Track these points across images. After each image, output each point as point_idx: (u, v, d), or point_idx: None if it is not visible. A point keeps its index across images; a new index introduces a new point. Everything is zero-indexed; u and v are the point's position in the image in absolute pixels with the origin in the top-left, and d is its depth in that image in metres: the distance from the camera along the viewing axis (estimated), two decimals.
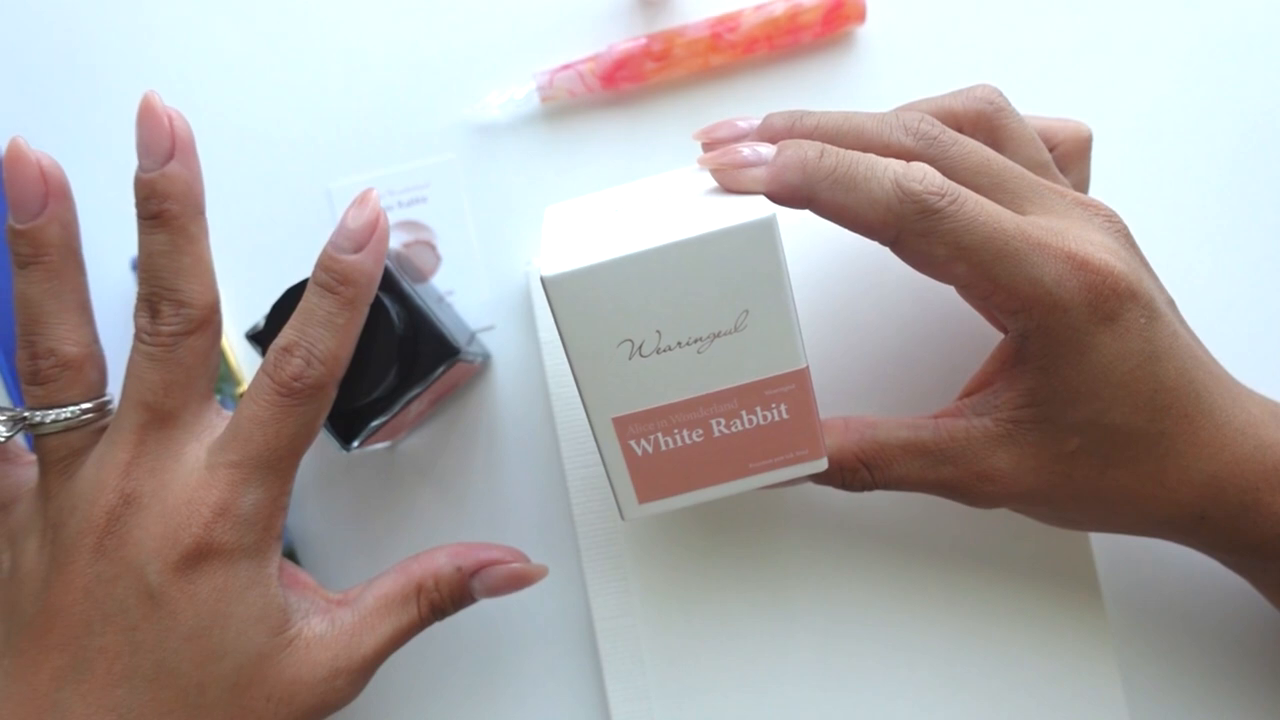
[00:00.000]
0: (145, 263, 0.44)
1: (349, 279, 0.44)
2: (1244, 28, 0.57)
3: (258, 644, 0.44)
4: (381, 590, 0.48)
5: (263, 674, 0.44)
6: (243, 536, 0.43)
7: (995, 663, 0.54)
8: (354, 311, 0.45)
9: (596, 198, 0.50)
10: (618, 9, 0.57)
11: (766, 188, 0.42)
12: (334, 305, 0.44)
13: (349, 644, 0.46)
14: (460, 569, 0.48)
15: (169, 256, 0.44)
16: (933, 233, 0.40)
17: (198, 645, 0.43)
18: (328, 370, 0.44)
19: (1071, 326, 0.41)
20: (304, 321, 0.44)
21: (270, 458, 0.44)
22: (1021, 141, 0.46)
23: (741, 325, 0.39)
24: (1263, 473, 0.44)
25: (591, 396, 0.40)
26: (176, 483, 0.43)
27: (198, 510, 0.43)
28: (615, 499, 0.42)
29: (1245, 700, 0.55)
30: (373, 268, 0.45)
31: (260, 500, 0.44)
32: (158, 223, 0.44)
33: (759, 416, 0.40)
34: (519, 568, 0.49)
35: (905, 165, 0.41)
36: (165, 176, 0.44)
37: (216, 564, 0.43)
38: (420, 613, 0.48)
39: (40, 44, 0.57)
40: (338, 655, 0.45)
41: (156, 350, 0.44)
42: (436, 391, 0.51)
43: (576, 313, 0.39)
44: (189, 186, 0.45)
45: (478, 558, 0.49)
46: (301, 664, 0.44)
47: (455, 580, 0.48)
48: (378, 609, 0.47)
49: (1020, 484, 0.44)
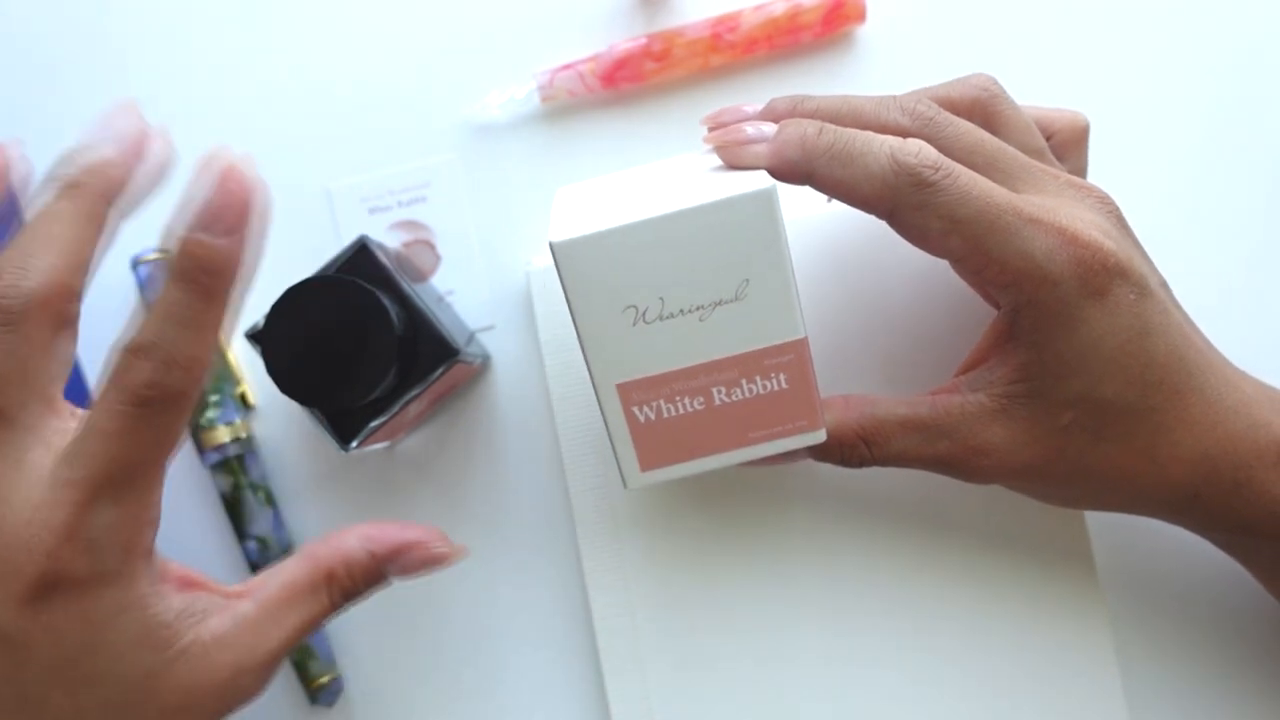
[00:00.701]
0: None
1: (214, 268, 0.39)
2: (1243, 22, 0.58)
3: (141, 665, 0.40)
4: (287, 579, 0.43)
5: (153, 689, 0.40)
6: (97, 563, 0.39)
7: (992, 642, 0.54)
8: (216, 305, 0.39)
9: (606, 179, 0.52)
10: (618, 9, 0.58)
11: (768, 163, 0.43)
12: (196, 299, 0.39)
13: (252, 640, 0.42)
14: (374, 555, 0.44)
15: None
16: (927, 205, 0.42)
17: (65, 675, 0.39)
18: (188, 376, 0.39)
19: (1062, 300, 0.43)
20: (162, 318, 0.39)
21: (121, 475, 0.39)
22: (1017, 127, 0.48)
23: (742, 294, 0.40)
24: (1255, 451, 0.45)
25: (597, 362, 0.41)
26: (16, 498, 0.38)
27: (39, 535, 0.38)
28: (618, 467, 0.43)
29: (1239, 679, 0.55)
30: (239, 252, 0.39)
31: (114, 521, 0.39)
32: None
33: (759, 385, 0.41)
34: (439, 551, 0.45)
35: (901, 140, 0.43)
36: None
37: (72, 594, 0.38)
38: (331, 601, 0.44)
39: (41, 44, 0.58)
40: (239, 654, 0.41)
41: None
42: (436, 392, 0.51)
43: (583, 278, 0.40)
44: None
45: (393, 542, 0.44)
46: (198, 671, 0.40)
47: (369, 565, 0.44)
48: (283, 600, 0.43)
49: (1015, 458, 0.45)
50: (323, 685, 0.55)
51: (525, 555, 0.57)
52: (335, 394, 0.46)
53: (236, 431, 0.55)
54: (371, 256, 0.48)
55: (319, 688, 0.55)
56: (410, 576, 0.45)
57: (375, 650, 0.57)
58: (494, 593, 0.57)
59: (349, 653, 0.57)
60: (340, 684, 0.56)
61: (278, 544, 0.56)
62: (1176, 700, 0.55)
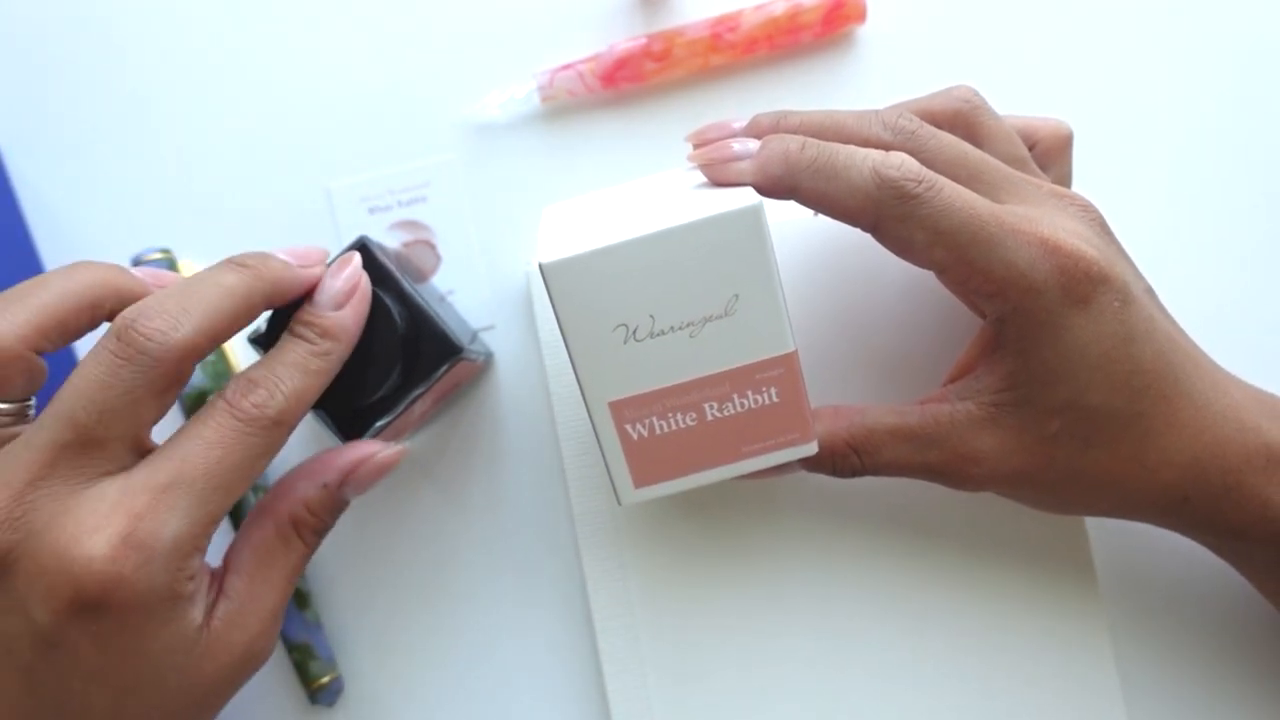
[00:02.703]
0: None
1: (329, 333, 0.44)
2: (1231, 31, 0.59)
3: (175, 666, 0.41)
4: (256, 542, 0.45)
5: (185, 685, 0.42)
6: (153, 574, 0.39)
7: (991, 648, 0.55)
8: (327, 364, 0.44)
9: (591, 197, 0.53)
10: (618, 9, 0.59)
11: (752, 179, 0.45)
12: (309, 353, 0.44)
13: (255, 610, 0.44)
14: (327, 486, 0.46)
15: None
16: (911, 217, 0.43)
17: (107, 681, 0.41)
18: (290, 407, 0.42)
19: (1046, 309, 0.44)
20: (275, 361, 0.44)
21: (206, 485, 0.40)
22: (999, 138, 0.49)
23: (731, 310, 0.41)
24: (1245, 455, 0.46)
25: (588, 381, 0.43)
26: (82, 509, 0.39)
27: (102, 536, 0.38)
28: (612, 484, 0.44)
29: (1236, 683, 0.56)
30: (352, 325, 0.45)
31: (181, 532, 0.40)
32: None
33: (750, 400, 0.43)
34: (383, 457, 0.47)
35: (884, 154, 0.44)
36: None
37: (125, 603, 0.39)
38: (306, 544, 0.46)
39: (44, 44, 0.59)
40: (249, 628, 0.44)
41: (123, 366, 0.40)
42: (440, 391, 0.52)
43: (573, 298, 0.41)
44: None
45: (338, 467, 0.47)
46: (220, 655, 0.43)
47: (326, 498, 0.46)
48: (261, 561, 0.45)
49: (1004, 466, 0.46)
50: (323, 685, 0.56)
51: (525, 555, 0.58)
52: (340, 394, 0.47)
53: None
54: (372, 256, 0.48)
55: (319, 688, 0.56)
56: (365, 490, 0.48)
57: (375, 650, 0.58)
58: (494, 593, 0.58)
59: (349, 653, 0.58)
60: (340, 684, 0.57)
61: None
62: (1175, 704, 0.56)
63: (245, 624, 0.44)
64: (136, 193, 0.58)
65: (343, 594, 0.58)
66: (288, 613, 0.56)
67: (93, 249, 0.58)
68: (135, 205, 0.58)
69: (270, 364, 0.43)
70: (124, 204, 0.58)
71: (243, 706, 0.58)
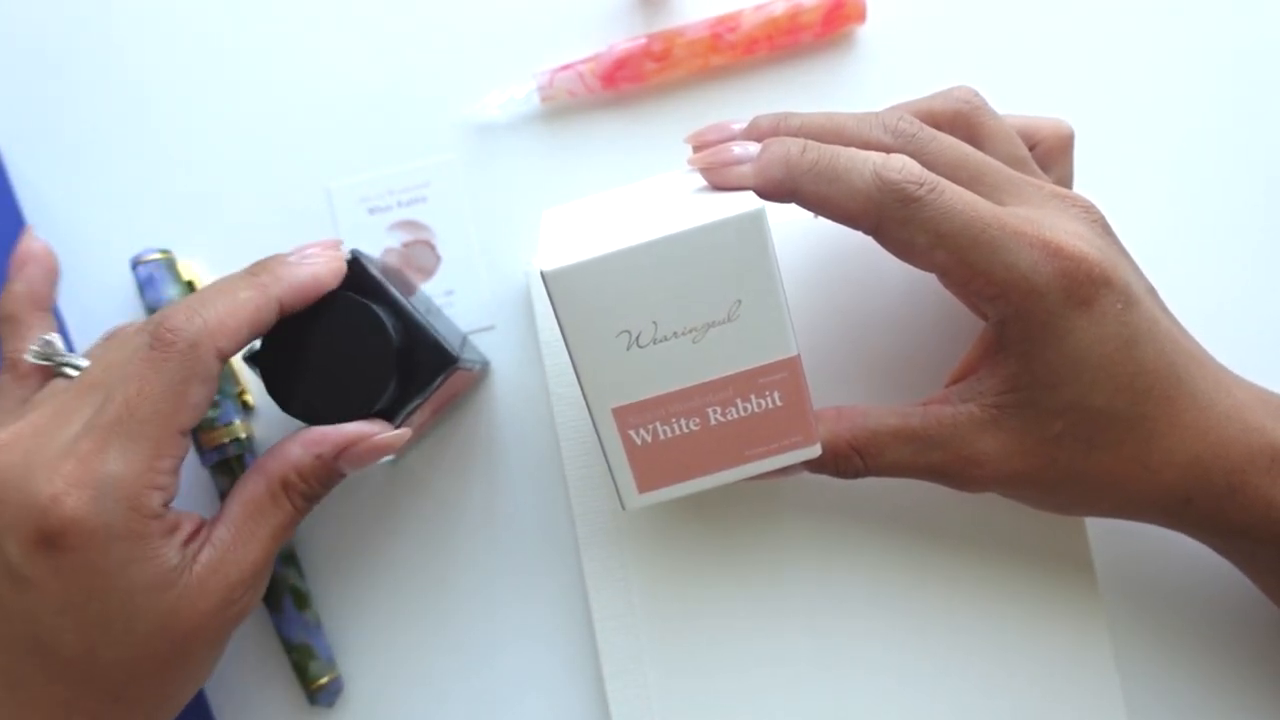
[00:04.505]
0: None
1: (269, 269, 0.47)
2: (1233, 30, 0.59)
3: (151, 607, 0.44)
4: (246, 496, 0.48)
5: (163, 626, 0.44)
6: (104, 512, 0.42)
7: (991, 648, 0.56)
8: (261, 295, 0.46)
9: (591, 200, 0.53)
10: (618, 9, 0.59)
11: (753, 183, 0.45)
12: (242, 282, 0.46)
13: (236, 560, 0.46)
14: (319, 457, 0.48)
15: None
16: (912, 220, 0.43)
17: (76, 617, 0.43)
18: (209, 330, 0.44)
19: (1048, 311, 0.44)
20: (205, 289, 0.46)
21: (131, 421, 0.43)
22: (999, 138, 0.49)
23: (734, 315, 0.41)
24: (1248, 455, 0.46)
25: (592, 387, 0.43)
26: (48, 450, 0.43)
27: (51, 481, 0.42)
28: (616, 489, 0.45)
29: (1238, 684, 0.56)
30: (304, 273, 0.47)
31: (122, 473, 0.43)
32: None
33: (753, 404, 0.43)
34: (383, 439, 0.48)
35: (884, 156, 0.44)
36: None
37: (81, 540, 0.42)
38: (294, 506, 0.48)
39: (44, 44, 0.59)
40: (229, 576, 0.46)
41: (155, 354, 0.44)
42: (437, 402, 0.52)
43: (576, 306, 0.42)
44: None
45: (335, 441, 0.48)
46: (199, 600, 0.45)
47: (318, 467, 0.48)
48: (249, 516, 0.47)
49: (1007, 467, 0.46)
50: (323, 685, 0.57)
51: (526, 555, 0.58)
52: (337, 408, 0.48)
53: (236, 432, 0.56)
54: (363, 270, 0.49)
55: (319, 688, 0.57)
56: (361, 468, 0.49)
57: (375, 650, 0.58)
58: (495, 593, 0.58)
59: (349, 653, 0.58)
60: (340, 684, 0.58)
61: None
62: (1175, 704, 0.56)
63: (226, 572, 0.46)
64: (136, 193, 0.58)
65: (343, 594, 0.58)
66: (288, 613, 0.56)
67: (93, 249, 0.58)
68: (135, 205, 0.58)
69: (200, 292, 0.46)
70: (124, 204, 0.58)
71: (243, 706, 0.58)
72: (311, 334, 0.48)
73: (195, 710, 0.57)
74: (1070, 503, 0.49)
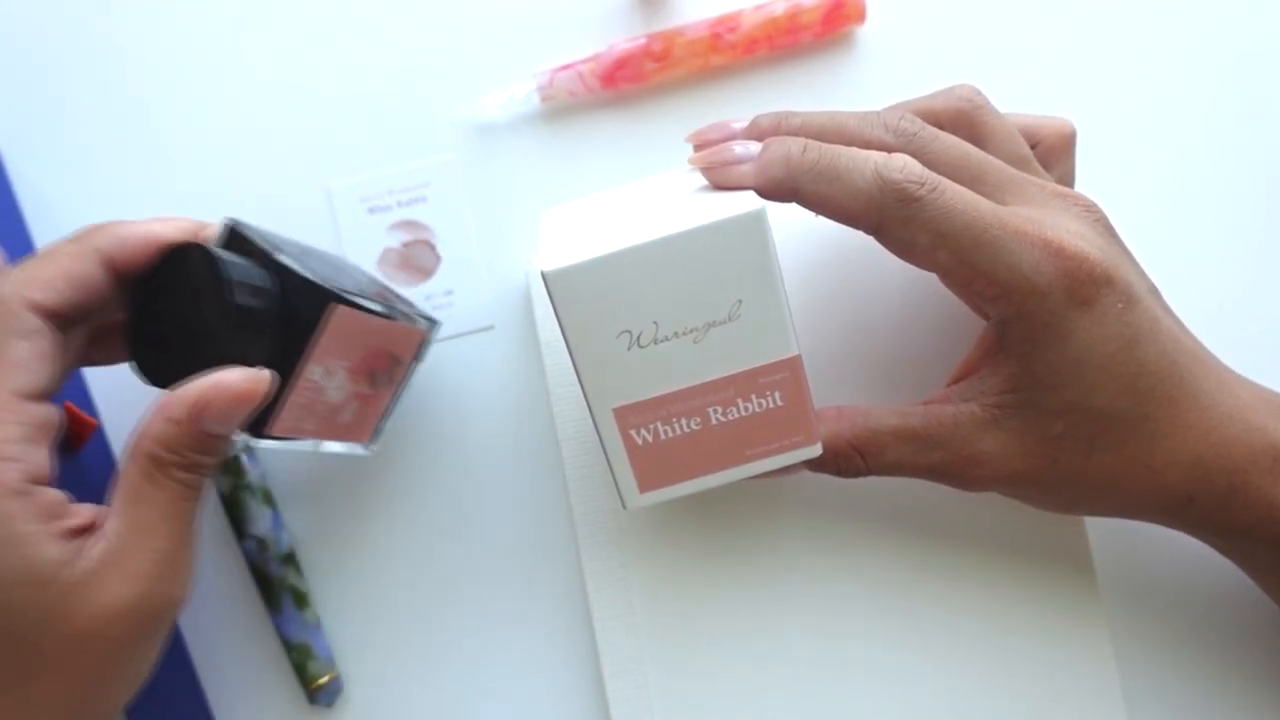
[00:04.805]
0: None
1: (96, 227, 0.46)
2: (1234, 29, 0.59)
3: (31, 602, 0.42)
4: (126, 482, 0.44)
5: (49, 625, 0.42)
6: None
7: (990, 647, 0.56)
8: (78, 245, 0.45)
9: (591, 200, 0.53)
10: (618, 9, 0.59)
11: (754, 182, 0.45)
12: (61, 241, 0.46)
13: (136, 551, 0.44)
14: (176, 421, 0.44)
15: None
16: (913, 220, 0.43)
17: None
18: (15, 285, 0.44)
19: (1049, 311, 0.44)
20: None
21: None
22: (1001, 137, 0.49)
23: (735, 315, 0.42)
24: (1250, 455, 0.46)
25: (593, 388, 0.43)
26: None
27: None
28: (617, 489, 0.45)
29: (1238, 684, 0.57)
30: (129, 225, 0.46)
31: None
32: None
33: (754, 404, 0.43)
34: (235, 385, 0.44)
35: (886, 156, 0.44)
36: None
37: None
38: (176, 481, 0.44)
39: (44, 44, 0.59)
40: (130, 569, 0.43)
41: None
42: (344, 352, 0.49)
43: (577, 306, 0.41)
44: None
45: (186, 400, 0.44)
46: (95, 598, 0.42)
47: (181, 434, 0.44)
48: (130, 501, 0.44)
49: (1007, 467, 0.46)
50: (322, 685, 0.57)
51: (525, 555, 0.58)
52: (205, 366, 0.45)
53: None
54: (239, 234, 0.47)
55: (319, 688, 0.56)
56: (235, 422, 0.45)
57: (375, 650, 0.58)
58: (494, 593, 0.58)
59: (349, 653, 0.58)
60: (340, 684, 0.58)
61: (277, 544, 0.57)
62: (1175, 704, 0.56)
63: (126, 565, 0.43)
64: (136, 193, 0.58)
65: (343, 594, 0.58)
66: (288, 613, 0.56)
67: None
68: (135, 205, 0.58)
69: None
70: (124, 204, 0.58)
71: (243, 706, 0.58)
72: (170, 298, 0.45)
73: (194, 710, 0.57)
74: (1071, 502, 0.49)
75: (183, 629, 0.57)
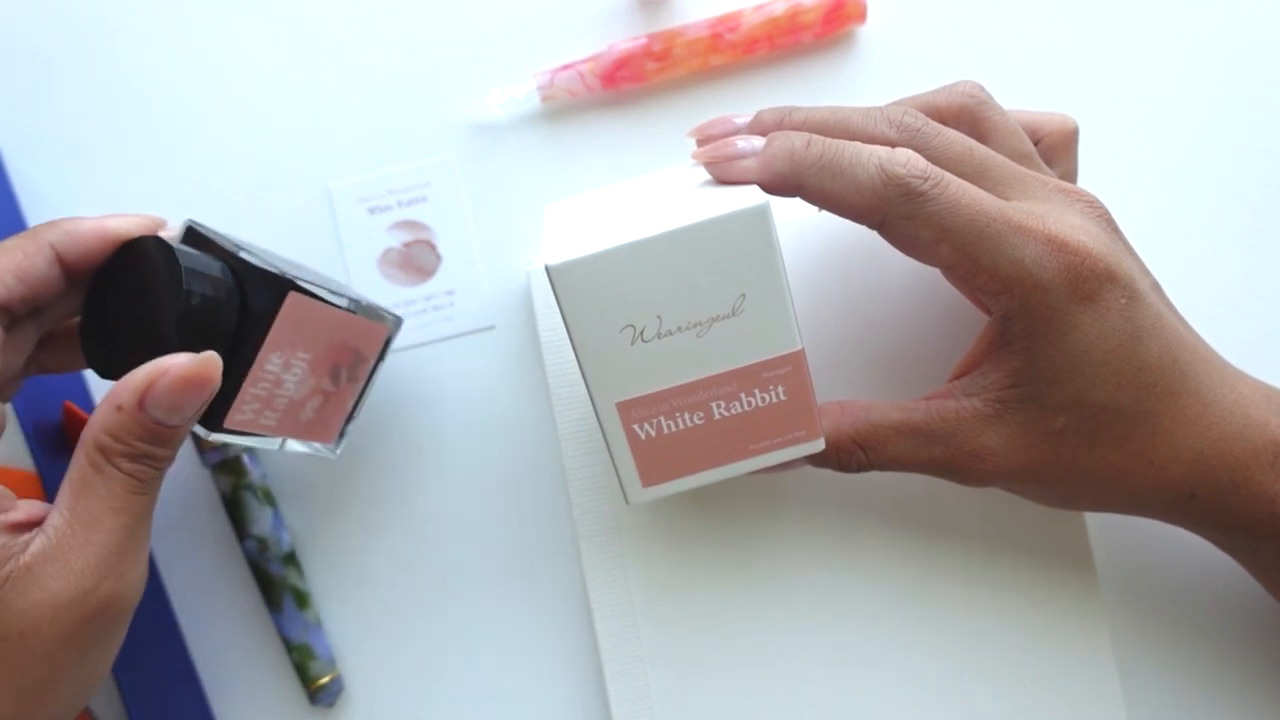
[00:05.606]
0: None
1: (48, 223, 0.46)
2: (1236, 26, 0.59)
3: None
4: (72, 475, 0.43)
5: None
6: None
7: (990, 644, 0.56)
8: (29, 241, 0.45)
9: (594, 194, 0.53)
10: (618, 9, 0.59)
11: (757, 177, 0.45)
12: (12, 237, 0.45)
13: (79, 545, 0.42)
14: (121, 407, 0.42)
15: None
16: (917, 215, 0.43)
17: None
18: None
19: (1052, 306, 0.44)
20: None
21: None
22: (1004, 133, 0.49)
23: (739, 309, 0.42)
24: (1252, 451, 0.46)
25: (596, 382, 0.43)
26: None
27: None
28: (620, 483, 0.45)
29: (1238, 681, 0.57)
30: (82, 221, 0.46)
31: None
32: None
33: (757, 398, 0.43)
34: (180, 369, 0.43)
35: (890, 151, 0.44)
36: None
37: None
38: (123, 472, 0.43)
39: (43, 44, 0.59)
40: (73, 563, 0.42)
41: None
42: (302, 343, 0.48)
43: (580, 300, 0.42)
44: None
45: (131, 386, 0.42)
46: (31, 593, 0.41)
47: (127, 421, 0.43)
48: (76, 493, 0.43)
49: (1009, 462, 0.46)
50: (323, 685, 0.57)
51: (525, 554, 0.58)
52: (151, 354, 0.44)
53: None
54: (197, 233, 0.47)
55: (319, 688, 0.57)
56: (186, 410, 0.44)
57: (375, 650, 0.58)
58: (495, 592, 0.58)
59: (349, 653, 0.58)
60: (340, 684, 0.58)
61: (277, 544, 0.57)
62: (1175, 704, 0.57)
63: (65, 560, 0.42)
64: (136, 193, 0.58)
65: (343, 594, 0.58)
66: (288, 613, 0.56)
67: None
68: (135, 205, 0.58)
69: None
70: (124, 204, 0.58)
71: (243, 706, 0.58)
72: (125, 291, 0.45)
73: (195, 710, 0.57)
74: (1073, 498, 0.49)
75: (183, 629, 0.57)
